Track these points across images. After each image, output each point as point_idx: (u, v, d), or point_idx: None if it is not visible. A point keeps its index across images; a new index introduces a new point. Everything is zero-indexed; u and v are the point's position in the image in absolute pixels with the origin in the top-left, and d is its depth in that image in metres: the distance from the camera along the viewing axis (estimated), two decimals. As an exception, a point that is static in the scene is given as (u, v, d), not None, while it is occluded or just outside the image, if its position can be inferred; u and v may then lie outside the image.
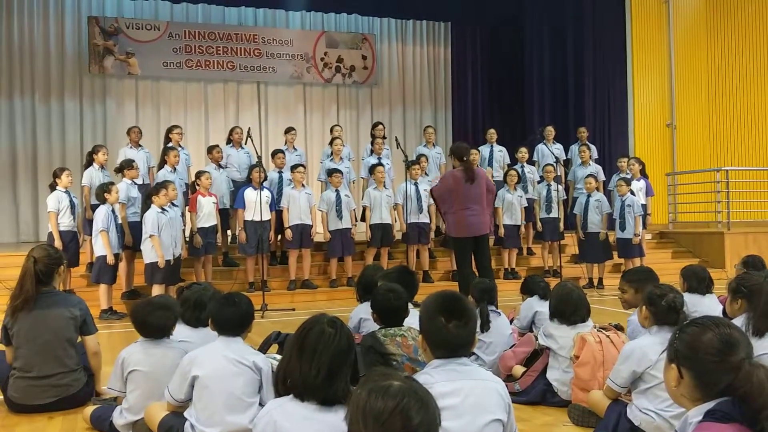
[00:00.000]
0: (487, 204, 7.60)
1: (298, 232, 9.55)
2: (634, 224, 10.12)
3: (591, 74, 14.37)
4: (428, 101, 16.11)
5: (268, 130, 14.29)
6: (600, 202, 10.31)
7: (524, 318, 5.54)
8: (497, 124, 13.59)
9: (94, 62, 13.55)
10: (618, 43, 14.40)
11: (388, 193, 10.05)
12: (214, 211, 9.09)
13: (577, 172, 11.39)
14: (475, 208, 7.39)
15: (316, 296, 9.67)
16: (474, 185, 7.41)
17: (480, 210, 7.44)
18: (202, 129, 14.32)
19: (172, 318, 3.91)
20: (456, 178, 7.41)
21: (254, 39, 14.54)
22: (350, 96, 15.56)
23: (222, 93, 14.55)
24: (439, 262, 10.87)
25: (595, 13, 14.36)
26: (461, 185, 7.37)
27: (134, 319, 3.91)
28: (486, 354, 4.84)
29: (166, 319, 3.87)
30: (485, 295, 4.97)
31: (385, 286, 3.88)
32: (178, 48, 14.01)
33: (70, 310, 4.45)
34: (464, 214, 7.37)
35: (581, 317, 4.37)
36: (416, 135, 15.42)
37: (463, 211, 7.37)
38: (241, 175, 10.19)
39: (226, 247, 10.21)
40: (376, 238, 9.87)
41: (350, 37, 15.41)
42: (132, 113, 13.82)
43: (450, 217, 7.50)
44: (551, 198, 10.64)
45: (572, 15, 14.57)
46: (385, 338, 3.63)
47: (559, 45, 14.79)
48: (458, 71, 16.13)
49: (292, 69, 14.84)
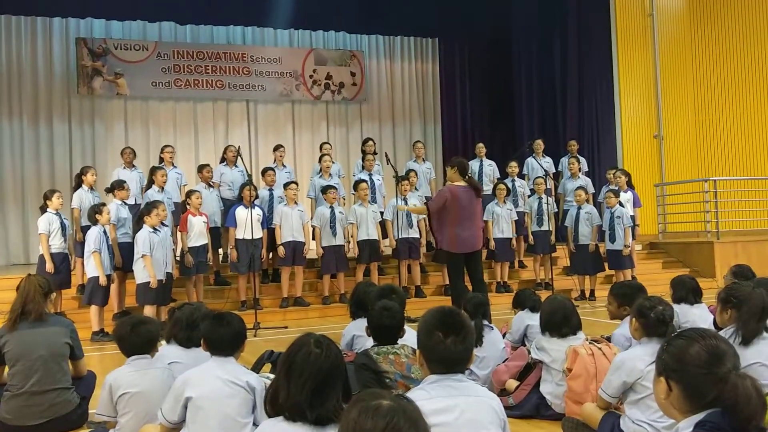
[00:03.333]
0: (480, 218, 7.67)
1: (290, 250, 9.55)
2: (624, 236, 10.18)
3: (578, 87, 14.50)
4: (417, 116, 16.20)
5: (258, 148, 14.32)
6: (590, 215, 10.38)
7: (516, 332, 5.56)
8: (486, 139, 13.69)
9: (83, 83, 13.56)
10: (604, 56, 14.53)
11: (374, 209, 10.05)
12: (204, 230, 9.08)
13: (567, 184, 11.46)
14: (469, 224, 7.44)
15: (309, 314, 9.65)
16: (474, 202, 7.48)
17: (473, 226, 7.49)
18: (192, 148, 14.33)
19: (155, 332, 3.92)
20: (454, 194, 7.42)
21: (243, 57, 14.60)
22: (339, 113, 15.63)
23: (211, 112, 14.58)
24: (431, 277, 10.89)
25: (580, 27, 14.51)
26: (459, 201, 7.39)
27: (119, 337, 3.91)
28: (479, 368, 4.85)
29: (149, 333, 3.87)
30: (479, 310, 4.98)
31: (381, 304, 3.89)
32: (167, 68, 14.04)
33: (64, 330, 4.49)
34: (458, 230, 7.40)
35: (572, 329, 4.39)
36: (406, 150, 15.47)
37: (457, 227, 7.40)
38: (235, 193, 10.20)
39: (217, 266, 10.20)
40: (364, 255, 9.88)
41: (339, 54, 15.50)
42: (121, 134, 13.82)
43: (444, 231, 7.51)
44: (542, 211, 10.69)
45: (558, 29, 14.73)
46: (378, 356, 3.65)
47: (546, 58, 14.92)
48: (447, 86, 16.24)
49: (281, 87, 14.90)
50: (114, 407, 3.78)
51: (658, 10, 14.84)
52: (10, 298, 4.74)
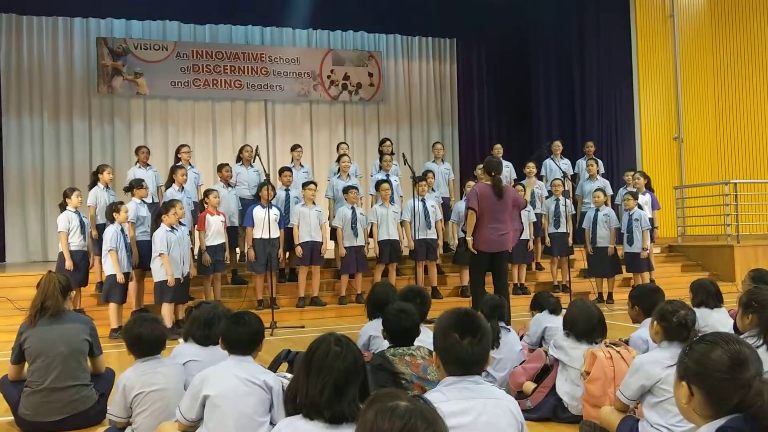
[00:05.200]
0: (511, 219, 7.59)
1: (308, 250, 9.57)
2: (642, 238, 10.12)
3: (597, 88, 14.41)
4: (435, 117, 16.18)
5: (275, 148, 14.36)
6: (608, 217, 10.32)
7: (534, 334, 5.53)
8: (504, 140, 13.64)
9: (103, 82, 13.67)
10: (623, 56, 14.44)
11: (394, 209, 10.07)
12: (222, 229, 9.13)
13: (585, 186, 11.40)
14: (498, 225, 7.40)
15: (325, 313, 9.67)
16: (501, 201, 7.42)
17: (503, 227, 7.45)
18: (210, 148, 14.41)
19: (163, 330, 3.94)
20: (481, 193, 7.41)
21: (261, 57, 14.66)
22: (357, 113, 15.64)
23: (229, 112, 14.65)
24: (448, 278, 10.87)
25: (600, 28, 14.43)
26: (488, 200, 7.37)
27: (128, 336, 3.89)
28: (496, 371, 4.84)
29: (157, 330, 3.88)
30: (495, 311, 4.97)
31: (397, 306, 3.89)
32: (186, 67, 14.13)
33: (83, 327, 4.53)
34: (487, 229, 7.38)
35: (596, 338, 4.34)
36: (423, 151, 15.49)
37: (486, 227, 7.38)
38: (251, 192, 10.24)
39: (234, 265, 10.24)
40: (385, 255, 9.89)
41: (356, 54, 15.52)
42: (140, 133, 13.92)
43: (475, 229, 7.46)
44: (560, 213, 10.65)
45: (577, 29, 14.64)
46: (394, 357, 3.64)
47: (564, 59, 14.85)
48: (465, 87, 16.22)
49: (299, 87, 14.94)
50: (127, 408, 3.80)
51: (679, 10, 14.73)
52: (30, 295, 4.79)
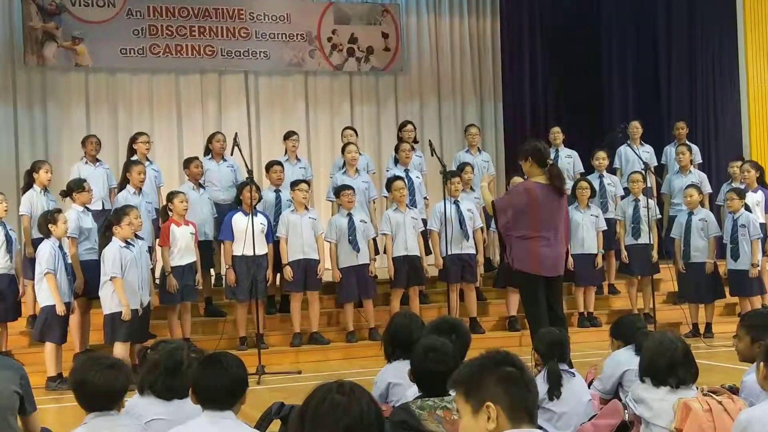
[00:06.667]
0: (567, 228, 7.57)
1: (300, 270, 9.62)
2: (752, 251, 10.08)
3: (687, 51, 14.34)
4: (471, 92, 16.12)
5: (260, 135, 14.42)
6: (706, 223, 10.29)
7: (608, 379, 5.51)
8: (564, 122, 13.63)
9: (31, 51, 13.73)
10: (724, 7, 14.38)
11: (413, 215, 10.06)
12: (192, 243, 9.20)
13: (674, 182, 11.39)
14: (550, 236, 7.30)
15: (329, 354, 9.74)
16: (558, 204, 7.36)
17: (556, 240, 7.38)
18: (174, 136, 14.45)
19: (123, 380, 3.82)
20: (531, 194, 7.29)
21: (240, 15, 14.68)
22: (368, 87, 15.64)
23: (199, 88, 14.67)
24: (491, 306, 10.89)
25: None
26: (538, 204, 7.25)
27: (74, 381, 3.84)
28: (557, 428, 4.85)
29: (115, 379, 3.76)
30: (554, 350, 4.99)
31: (426, 342, 3.91)
32: (140, 30, 14.16)
33: (11, 375, 4.47)
34: (537, 243, 7.25)
35: (683, 380, 4.35)
36: (456, 137, 15.44)
37: (535, 240, 7.25)
38: (225, 196, 10.29)
39: (209, 291, 10.31)
40: (402, 276, 9.90)
41: (366, 8, 15.52)
42: (82, 117, 13.95)
43: (516, 244, 7.37)
44: (640, 218, 10.63)
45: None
46: (422, 411, 3.66)
47: (646, 16, 14.80)
48: (511, 51, 16.14)
49: (289, 54, 14.96)
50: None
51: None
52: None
